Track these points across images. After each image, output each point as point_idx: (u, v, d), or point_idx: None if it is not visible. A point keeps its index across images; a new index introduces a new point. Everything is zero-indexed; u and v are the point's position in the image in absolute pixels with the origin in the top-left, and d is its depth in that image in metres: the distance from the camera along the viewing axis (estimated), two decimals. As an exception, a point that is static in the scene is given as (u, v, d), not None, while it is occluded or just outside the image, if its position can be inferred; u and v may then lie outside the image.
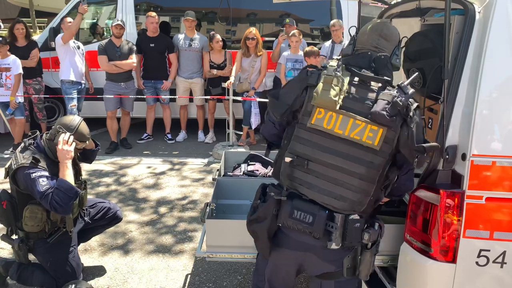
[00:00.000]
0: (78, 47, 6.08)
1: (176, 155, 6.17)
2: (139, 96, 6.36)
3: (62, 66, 6.01)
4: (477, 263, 1.93)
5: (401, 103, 1.64)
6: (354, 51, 1.86)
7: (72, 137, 2.80)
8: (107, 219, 3.26)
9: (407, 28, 2.62)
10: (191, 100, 6.63)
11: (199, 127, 6.85)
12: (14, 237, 2.94)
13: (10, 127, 6.10)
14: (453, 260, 1.93)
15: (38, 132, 2.94)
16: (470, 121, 1.88)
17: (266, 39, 6.78)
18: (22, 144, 2.87)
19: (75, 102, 6.08)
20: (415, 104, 1.72)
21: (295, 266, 1.90)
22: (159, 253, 3.59)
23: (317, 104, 1.71)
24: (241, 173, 3.27)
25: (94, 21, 7.71)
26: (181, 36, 6.42)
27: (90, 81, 6.39)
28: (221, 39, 6.28)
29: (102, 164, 5.75)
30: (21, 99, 5.91)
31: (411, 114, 1.67)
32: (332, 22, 6.06)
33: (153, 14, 6.26)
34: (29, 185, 2.67)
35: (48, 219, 2.82)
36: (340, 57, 1.86)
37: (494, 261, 1.92)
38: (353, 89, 1.70)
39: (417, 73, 2.02)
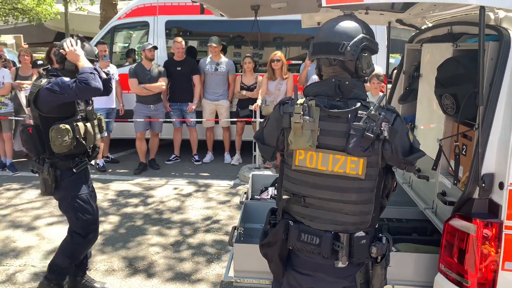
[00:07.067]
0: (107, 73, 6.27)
1: (202, 177, 6.21)
2: (167, 120, 6.48)
3: None
4: (517, 297, 1.84)
5: (372, 135, 1.64)
6: (320, 75, 1.85)
7: (74, 39, 2.88)
8: None
9: (439, 53, 2.60)
10: (217, 122, 6.72)
11: (225, 149, 6.90)
12: None
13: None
14: (492, 294, 1.85)
15: (49, 66, 3.03)
16: (507, 149, 1.83)
17: (293, 62, 6.83)
18: (36, 76, 2.96)
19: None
20: (392, 119, 1.69)
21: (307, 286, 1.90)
22: (185, 276, 3.58)
23: (295, 149, 1.75)
24: (269, 197, 3.26)
25: (126, 45, 7.97)
26: (207, 60, 6.56)
27: (121, 102, 6.57)
28: (252, 61, 6.39)
29: (130, 184, 5.85)
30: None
31: (386, 135, 1.66)
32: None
33: (179, 39, 6.42)
34: (56, 89, 2.71)
35: (74, 137, 2.84)
36: (303, 92, 1.84)
37: (535, 296, 1.84)
38: (325, 125, 1.71)
39: (382, 94, 1.99)
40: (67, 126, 2.80)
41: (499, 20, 2.11)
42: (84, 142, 2.90)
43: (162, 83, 6.23)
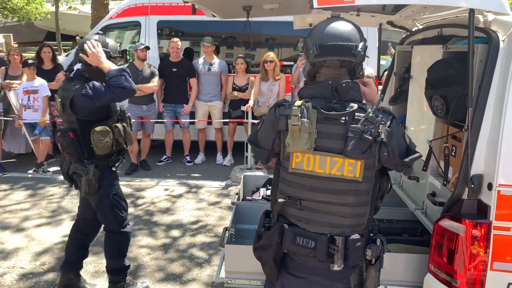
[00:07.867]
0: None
1: (194, 178, 6.19)
2: (159, 120, 6.46)
3: None
4: (505, 297, 1.86)
5: (370, 137, 1.64)
6: (313, 77, 1.82)
7: (94, 41, 2.83)
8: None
9: (429, 55, 2.62)
10: (209, 123, 6.71)
11: (218, 150, 6.89)
12: None
13: (34, 147, 6.25)
14: (480, 294, 1.87)
15: (74, 68, 3.01)
16: (496, 150, 1.85)
17: (285, 63, 6.84)
18: (64, 78, 2.96)
19: None
20: (388, 121, 1.70)
21: None
22: (176, 277, 3.57)
23: (292, 151, 1.74)
24: (260, 198, 3.26)
25: (118, 45, 7.91)
26: (200, 61, 6.55)
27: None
28: (244, 61, 6.39)
29: (120, 185, 5.78)
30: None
31: (383, 137, 1.66)
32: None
33: (176, 39, 6.40)
34: (91, 94, 2.72)
35: (114, 138, 2.92)
36: (298, 94, 1.84)
37: (523, 296, 1.86)
38: (322, 127, 1.70)
39: (381, 96, 2.00)
40: (107, 128, 2.86)
41: (488, 22, 2.13)
42: (124, 142, 3.00)
43: (154, 84, 6.20)
